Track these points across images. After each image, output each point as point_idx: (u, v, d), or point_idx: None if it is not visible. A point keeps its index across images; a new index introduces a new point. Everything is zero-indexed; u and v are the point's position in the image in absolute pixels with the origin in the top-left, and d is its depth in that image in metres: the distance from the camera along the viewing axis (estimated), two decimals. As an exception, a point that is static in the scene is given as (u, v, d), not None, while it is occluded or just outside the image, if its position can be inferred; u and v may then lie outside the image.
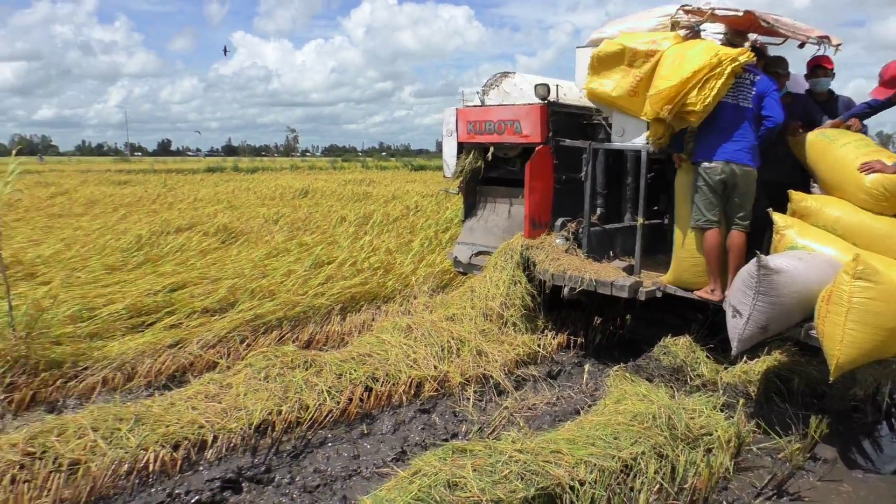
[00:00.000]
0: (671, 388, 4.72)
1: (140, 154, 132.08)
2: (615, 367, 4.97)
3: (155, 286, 6.49)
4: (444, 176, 6.68)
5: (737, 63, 4.63)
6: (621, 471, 3.21)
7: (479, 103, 6.38)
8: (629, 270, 5.50)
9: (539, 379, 5.12)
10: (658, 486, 3.25)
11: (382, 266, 7.46)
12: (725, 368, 5.05)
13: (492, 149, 6.21)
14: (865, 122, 5.06)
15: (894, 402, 3.85)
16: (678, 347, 5.20)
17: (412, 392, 4.61)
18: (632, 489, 3.17)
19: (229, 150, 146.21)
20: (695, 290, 4.99)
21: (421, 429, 4.28)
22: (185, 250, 8.46)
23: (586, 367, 5.30)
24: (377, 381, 4.57)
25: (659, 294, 5.30)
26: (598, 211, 6.27)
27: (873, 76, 5.20)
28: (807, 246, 4.59)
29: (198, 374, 4.95)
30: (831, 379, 3.76)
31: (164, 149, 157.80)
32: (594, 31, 5.90)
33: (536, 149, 5.81)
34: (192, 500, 3.32)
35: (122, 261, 7.87)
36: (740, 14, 4.82)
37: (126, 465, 3.40)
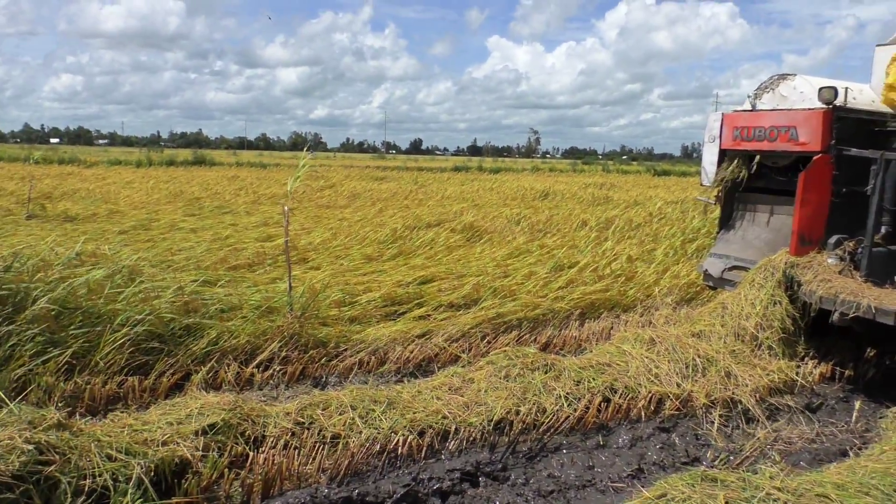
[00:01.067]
0: (967, 441, 4.01)
1: (394, 152, 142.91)
2: (894, 408, 4.36)
3: (406, 278, 6.94)
4: (701, 184, 6.32)
5: None
6: (902, 531, 2.80)
7: (750, 108, 5.93)
8: (918, 299, 4.77)
9: (796, 411, 4.65)
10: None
11: (624, 274, 7.27)
12: None
13: (758, 157, 5.74)
14: None
15: None
16: (979, 396, 4.42)
17: (651, 408, 4.42)
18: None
19: (474, 150, 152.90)
20: None
21: (659, 448, 4.09)
22: (434, 245, 8.95)
23: (857, 403, 4.70)
24: (616, 392, 4.45)
25: (956, 330, 4.54)
26: (883, 230, 5.53)
27: None
28: None
29: (442, 365, 5.20)
30: None
31: (415, 147, 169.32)
32: (897, 27, 5.21)
33: (814, 158, 5.26)
34: (434, 487, 3.49)
35: (378, 252, 8.54)
36: None
37: (378, 445, 3.66)
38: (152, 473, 3.08)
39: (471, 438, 3.92)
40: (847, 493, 2.93)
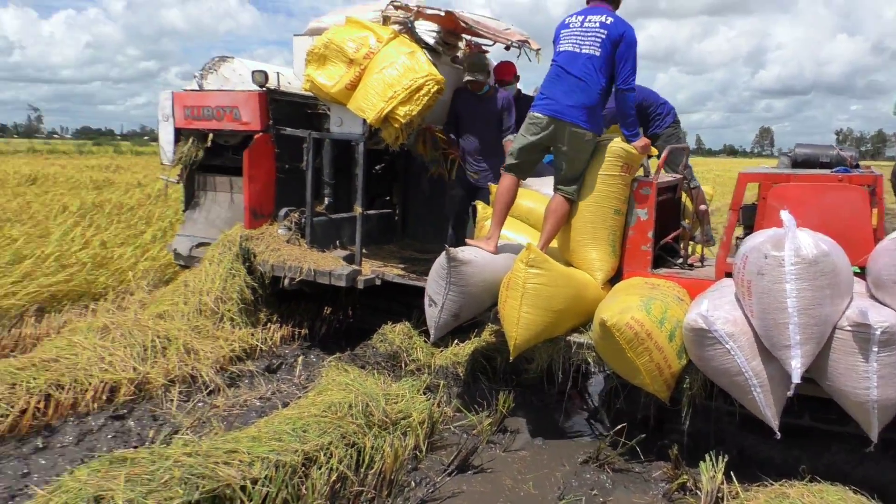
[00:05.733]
0: (384, 374, 4.82)
1: None
2: (330, 358, 4.98)
3: None
4: (161, 163, 6.27)
5: (439, 88, 4.88)
6: (303, 464, 3.18)
7: (198, 87, 6.05)
8: (350, 259, 5.53)
9: (256, 374, 4.98)
10: (340, 474, 3.26)
11: (95, 261, 6.80)
12: (441, 351, 5.26)
13: (210, 135, 5.91)
14: None
15: (567, 376, 4.27)
16: (395, 334, 5.33)
17: (104, 398, 4.23)
18: (311, 480, 3.15)
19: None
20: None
21: (112, 437, 3.94)
22: None
23: (300, 358, 5.25)
24: (62, 388, 4.12)
25: (378, 282, 5.40)
26: (327, 201, 6.24)
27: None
28: (503, 235, 4.94)
29: None
30: (511, 358, 4.06)
31: None
32: (313, 20, 5.84)
33: (255, 137, 5.64)
34: None
35: None
36: (442, 14, 5.02)
37: None
38: None
39: None
40: (258, 442, 3.20)
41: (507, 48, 5.65)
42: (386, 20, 5.21)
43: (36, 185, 15.80)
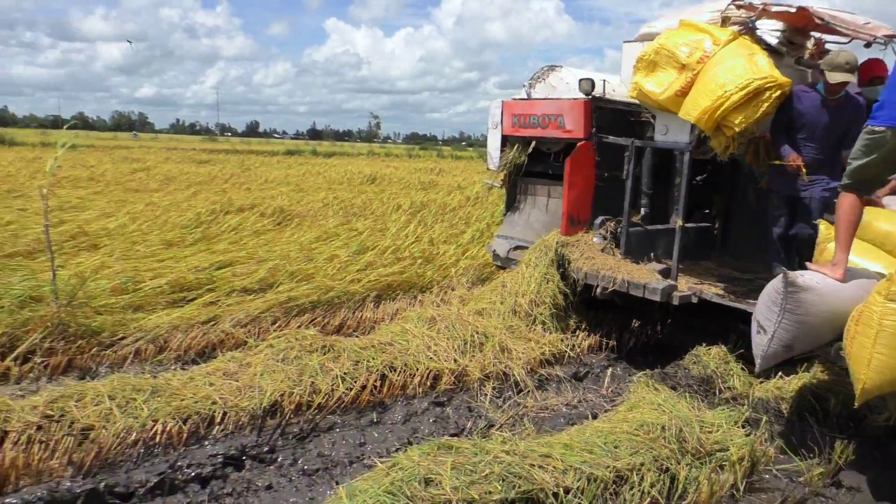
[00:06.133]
0: (697, 398, 4.54)
1: (229, 134, 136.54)
2: (639, 374, 4.83)
3: (203, 263, 6.71)
4: (488, 168, 6.64)
5: (781, 92, 4.44)
6: (614, 481, 3.12)
7: (526, 96, 6.29)
8: (665, 273, 5.31)
9: (564, 380, 5.03)
10: (652, 499, 3.13)
11: (423, 256, 7.48)
12: (760, 382, 4.83)
13: (533, 142, 6.11)
14: None
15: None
16: (710, 357, 5.01)
17: (428, 384, 4.60)
18: (622, 500, 3.07)
19: (314, 134, 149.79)
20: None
21: (432, 421, 4.27)
22: (241, 230, 8.71)
23: (609, 370, 5.17)
24: (394, 370, 4.58)
25: (695, 300, 5.11)
26: (643, 211, 6.09)
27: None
28: (849, 261, 4.33)
29: (226, 351, 5.08)
30: (856, 404, 3.52)
31: (252, 130, 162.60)
32: (644, 26, 5.71)
33: (578, 144, 5.69)
34: (193, 473, 3.43)
35: (180, 237, 8.17)
36: (793, 10, 4.57)
37: (134, 434, 3.54)
38: None
39: (239, 423, 3.89)
40: (571, 451, 3.21)
41: (868, 45, 4.96)
42: (725, 21, 4.89)
43: (374, 184, 17.96)
